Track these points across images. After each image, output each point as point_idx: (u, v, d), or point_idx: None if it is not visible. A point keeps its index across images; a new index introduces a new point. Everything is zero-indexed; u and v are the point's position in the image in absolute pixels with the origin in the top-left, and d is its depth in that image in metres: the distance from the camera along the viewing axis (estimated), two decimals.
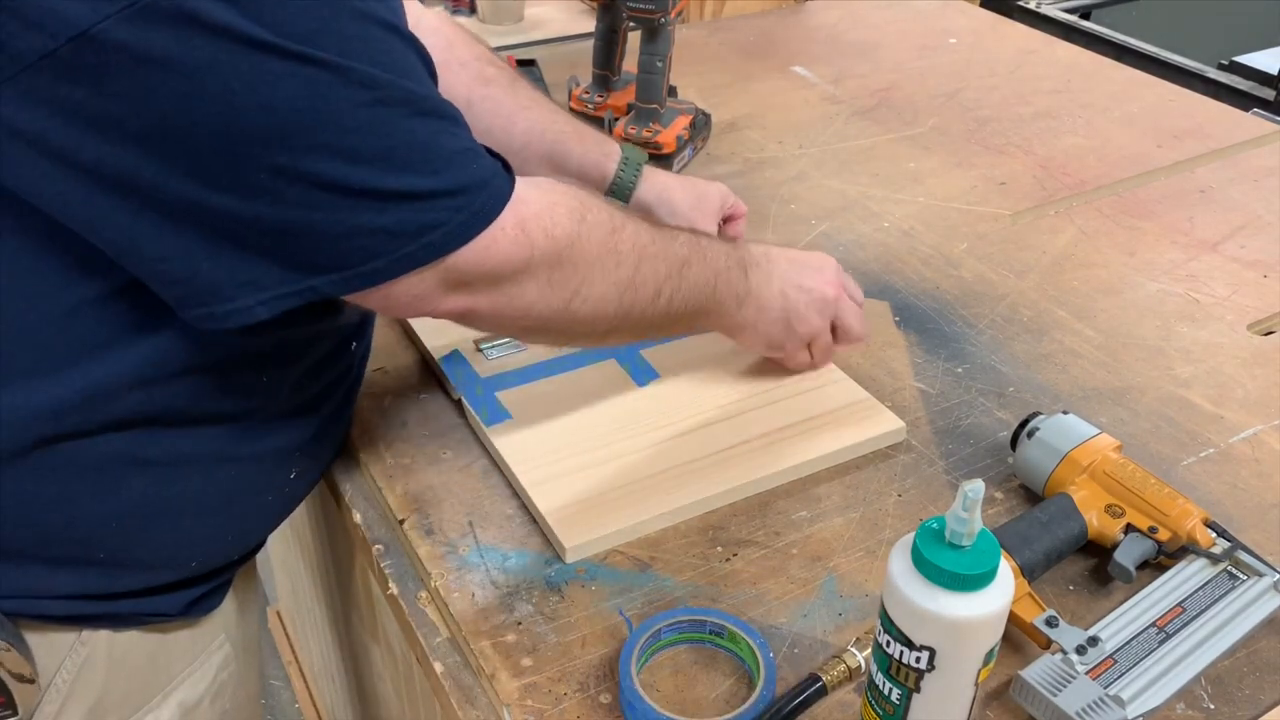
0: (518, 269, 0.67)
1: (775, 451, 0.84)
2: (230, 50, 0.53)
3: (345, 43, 0.57)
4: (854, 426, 0.87)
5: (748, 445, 0.85)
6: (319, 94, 0.56)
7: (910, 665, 0.58)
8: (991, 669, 0.59)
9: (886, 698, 0.60)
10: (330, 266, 0.61)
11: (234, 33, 0.52)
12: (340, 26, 0.57)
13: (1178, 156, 1.35)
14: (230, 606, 0.85)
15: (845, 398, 0.90)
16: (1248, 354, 1.00)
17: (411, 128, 0.60)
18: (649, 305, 0.75)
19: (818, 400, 0.90)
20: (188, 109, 0.54)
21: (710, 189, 1.04)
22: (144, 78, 0.52)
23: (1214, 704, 0.67)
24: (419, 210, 0.61)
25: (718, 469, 0.82)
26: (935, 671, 0.58)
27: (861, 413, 0.88)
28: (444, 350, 0.93)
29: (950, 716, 0.61)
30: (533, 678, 0.68)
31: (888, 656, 0.59)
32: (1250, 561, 0.73)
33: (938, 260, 1.13)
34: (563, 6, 1.82)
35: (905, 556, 0.58)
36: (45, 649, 0.71)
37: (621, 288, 0.73)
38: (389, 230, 0.60)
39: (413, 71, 0.62)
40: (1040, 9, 2.08)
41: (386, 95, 0.58)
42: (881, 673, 0.60)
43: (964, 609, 0.56)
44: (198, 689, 0.83)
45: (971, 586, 0.55)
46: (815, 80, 1.55)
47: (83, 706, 0.75)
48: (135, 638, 0.77)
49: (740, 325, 0.85)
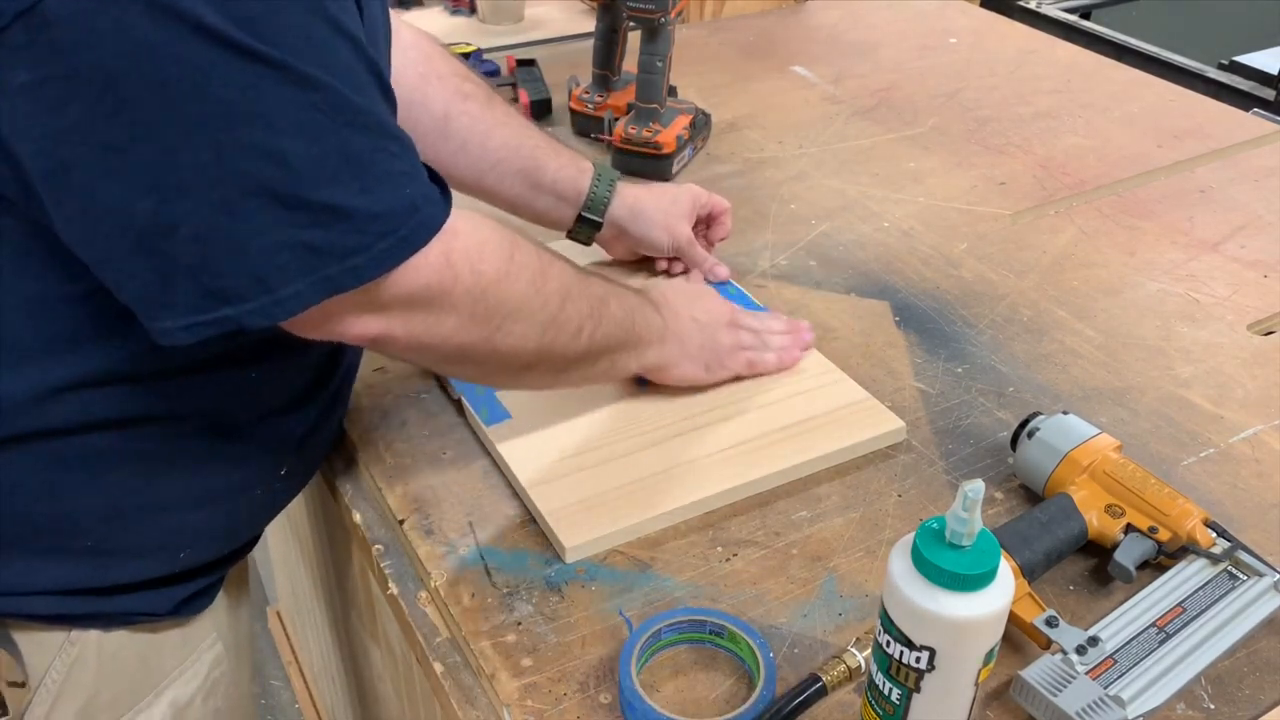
0: (437, 299, 0.65)
1: (775, 452, 0.84)
2: (168, 29, 0.51)
3: (290, 38, 0.54)
4: (854, 426, 0.87)
5: (748, 445, 0.85)
6: (252, 86, 0.53)
7: (910, 665, 0.58)
8: (991, 669, 0.59)
9: (886, 698, 0.60)
10: (246, 293, 0.58)
11: (174, 10, 0.51)
12: (289, 20, 0.54)
13: (1178, 156, 1.35)
14: (222, 605, 0.85)
15: (845, 398, 0.90)
16: (1248, 354, 1.00)
17: (347, 139, 0.58)
18: (570, 342, 0.76)
19: (817, 400, 0.90)
20: (119, 92, 0.52)
21: (680, 192, 1.04)
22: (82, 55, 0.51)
23: (1214, 704, 0.67)
24: (345, 231, 0.58)
25: (718, 469, 0.82)
26: (935, 671, 0.58)
27: (862, 413, 0.88)
28: None
29: (950, 717, 0.61)
30: (533, 678, 0.68)
31: (888, 657, 0.59)
32: (1250, 561, 0.73)
33: (938, 260, 1.13)
34: (563, 6, 1.82)
35: (905, 557, 0.58)
36: (35, 649, 0.71)
37: (544, 326, 0.73)
38: (312, 248, 0.58)
39: (361, 85, 0.59)
40: (1040, 9, 2.08)
41: (325, 100, 0.56)
42: (881, 673, 0.60)
43: (964, 609, 0.56)
44: (189, 687, 0.83)
45: (972, 586, 0.55)
46: (815, 80, 1.55)
47: (73, 706, 0.75)
48: (125, 637, 0.76)
49: (665, 360, 0.86)
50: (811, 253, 1.13)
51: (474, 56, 1.51)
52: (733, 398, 0.90)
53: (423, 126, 0.91)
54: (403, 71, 0.89)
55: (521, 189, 0.98)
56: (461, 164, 0.95)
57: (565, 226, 1.02)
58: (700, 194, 1.05)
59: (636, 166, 1.26)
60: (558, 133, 1.36)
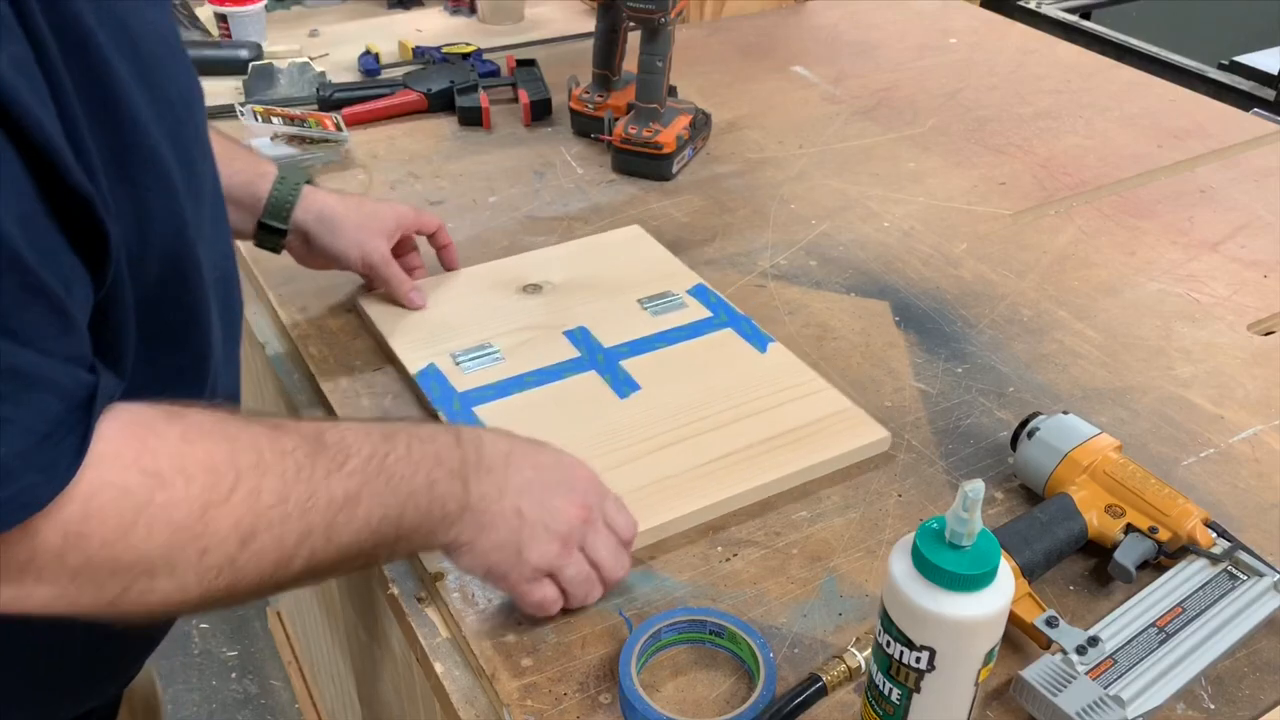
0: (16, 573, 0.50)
1: (762, 463, 0.83)
2: None
3: None
4: (838, 437, 0.86)
5: (734, 457, 0.83)
6: None
7: (910, 665, 0.58)
8: (992, 669, 0.59)
9: (886, 698, 0.60)
10: None
11: None
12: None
13: (1178, 156, 1.35)
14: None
15: (829, 407, 0.89)
16: (1248, 354, 1.00)
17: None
18: (276, 572, 0.58)
19: (801, 411, 0.88)
20: None
21: (383, 209, 0.98)
22: None
23: (1214, 704, 0.67)
24: None
25: (705, 482, 0.81)
26: (935, 672, 0.58)
27: (846, 423, 0.87)
28: (420, 364, 0.92)
29: (951, 716, 0.61)
30: (533, 678, 0.68)
31: (888, 657, 0.59)
32: (1250, 561, 0.73)
33: (938, 260, 1.13)
34: (563, 6, 1.82)
35: (905, 557, 0.58)
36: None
37: (214, 572, 0.55)
38: None
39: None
40: (1040, 9, 2.08)
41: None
42: (881, 673, 0.60)
43: (964, 609, 0.55)
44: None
45: (972, 587, 0.55)
46: (815, 80, 1.55)
47: None
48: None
49: (453, 544, 0.67)
50: (811, 253, 1.13)
51: (474, 56, 1.52)
52: (716, 409, 0.88)
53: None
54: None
55: None
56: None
57: (249, 236, 0.95)
58: (406, 214, 0.99)
59: (636, 166, 1.26)
60: (558, 133, 1.37)
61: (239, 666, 1.94)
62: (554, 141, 1.35)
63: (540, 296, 1.03)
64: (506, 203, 1.21)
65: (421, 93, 1.39)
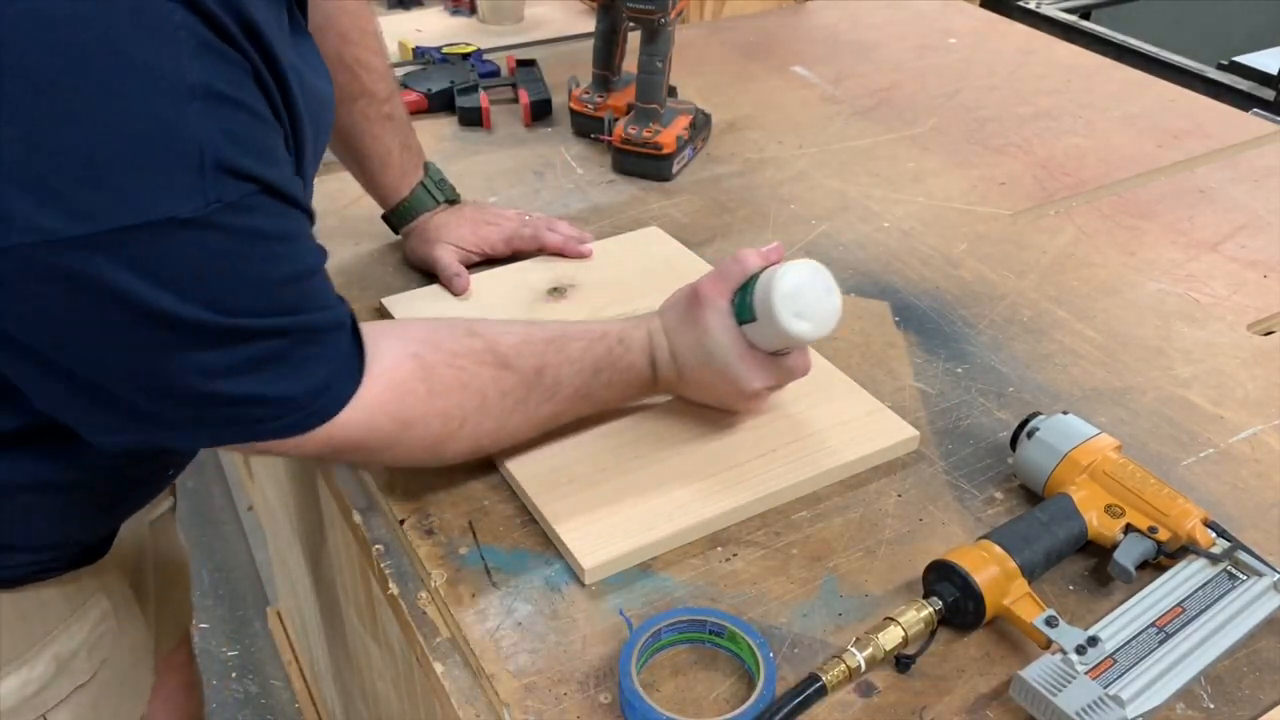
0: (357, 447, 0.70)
1: (791, 466, 0.83)
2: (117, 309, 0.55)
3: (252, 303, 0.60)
4: (868, 437, 0.85)
5: (762, 460, 0.83)
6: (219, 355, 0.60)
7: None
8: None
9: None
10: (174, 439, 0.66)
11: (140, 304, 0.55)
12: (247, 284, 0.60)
13: (1178, 156, 1.35)
14: (111, 563, 0.87)
15: (858, 408, 0.89)
16: (1248, 354, 1.00)
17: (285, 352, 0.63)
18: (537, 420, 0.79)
19: (828, 412, 0.88)
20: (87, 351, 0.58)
21: (492, 234, 1.08)
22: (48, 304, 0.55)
23: (1214, 704, 0.68)
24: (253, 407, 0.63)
25: (733, 486, 0.81)
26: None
27: (875, 423, 0.87)
28: None
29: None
30: (533, 678, 0.68)
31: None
32: (1250, 561, 0.73)
33: (938, 260, 1.13)
34: (563, 6, 1.82)
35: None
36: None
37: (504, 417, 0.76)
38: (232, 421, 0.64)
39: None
40: (1040, 9, 2.08)
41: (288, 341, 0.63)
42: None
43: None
44: (74, 641, 0.84)
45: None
46: (815, 80, 1.55)
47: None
48: (6, 597, 0.79)
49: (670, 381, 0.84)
50: (811, 253, 1.13)
51: (474, 56, 1.51)
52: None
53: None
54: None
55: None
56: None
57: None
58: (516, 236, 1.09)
59: (636, 167, 1.26)
60: (558, 133, 1.37)
61: (239, 666, 1.94)
62: (554, 142, 1.35)
63: (567, 301, 1.02)
64: (506, 203, 1.21)
65: (421, 93, 1.39)
